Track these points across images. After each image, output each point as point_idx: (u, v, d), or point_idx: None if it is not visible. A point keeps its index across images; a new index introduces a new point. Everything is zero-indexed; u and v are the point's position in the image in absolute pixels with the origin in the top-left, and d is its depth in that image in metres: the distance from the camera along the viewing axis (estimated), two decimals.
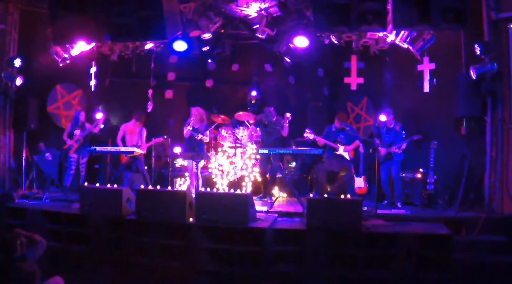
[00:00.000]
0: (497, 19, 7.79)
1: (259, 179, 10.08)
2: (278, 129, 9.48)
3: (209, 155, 9.32)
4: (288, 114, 9.35)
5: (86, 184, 8.41)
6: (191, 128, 9.31)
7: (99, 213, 7.40)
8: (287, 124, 9.38)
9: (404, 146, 8.84)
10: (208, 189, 8.13)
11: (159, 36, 7.65)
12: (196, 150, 9.23)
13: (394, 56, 9.49)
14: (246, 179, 10.34)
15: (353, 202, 6.63)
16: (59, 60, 9.34)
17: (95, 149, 9.03)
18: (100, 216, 7.39)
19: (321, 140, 9.16)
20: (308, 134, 9.15)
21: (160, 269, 6.95)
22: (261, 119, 9.59)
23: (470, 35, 8.10)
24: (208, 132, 9.56)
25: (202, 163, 9.53)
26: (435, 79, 8.05)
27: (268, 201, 9.19)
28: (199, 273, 6.79)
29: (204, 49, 10.89)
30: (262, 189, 9.76)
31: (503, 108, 7.81)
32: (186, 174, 10.54)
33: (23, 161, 9.93)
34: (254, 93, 12.83)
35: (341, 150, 9.12)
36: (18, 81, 9.47)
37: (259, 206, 8.15)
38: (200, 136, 9.32)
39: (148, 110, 10.38)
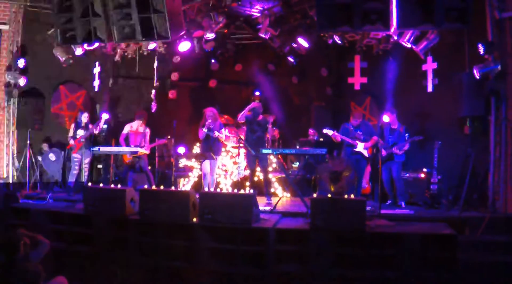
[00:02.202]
0: (501, 18, 7.78)
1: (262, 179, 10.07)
2: (262, 128, 9.30)
3: (213, 155, 9.28)
4: (271, 119, 9.23)
5: (89, 184, 8.43)
6: (206, 130, 9.24)
7: (102, 213, 7.41)
8: (271, 126, 9.23)
9: (406, 146, 8.81)
10: (212, 189, 8.14)
11: (162, 36, 7.66)
12: (212, 151, 9.20)
13: (397, 56, 9.48)
14: None
15: (356, 202, 6.62)
16: (63, 60, 9.36)
17: (99, 149, 9.04)
18: (103, 216, 7.40)
19: (340, 137, 9.10)
20: (327, 131, 9.11)
21: (163, 269, 6.96)
22: (248, 117, 9.37)
23: (474, 34, 8.09)
24: (223, 130, 9.51)
25: (217, 163, 9.53)
26: (436, 79, 8.04)
27: (266, 201, 9.09)
28: (202, 273, 6.79)
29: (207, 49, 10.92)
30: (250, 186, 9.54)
31: (507, 107, 7.79)
32: (190, 174, 10.56)
33: (27, 161, 9.95)
34: (257, 93, 12.83)
35: (360, 147, 9.03)
36: (22, 81, 9.50)
37: (262, 206, 8.13)
38: (216, 133, 9.27)
39: (152, 111, 10.39)
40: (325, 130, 9.19)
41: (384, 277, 6.33)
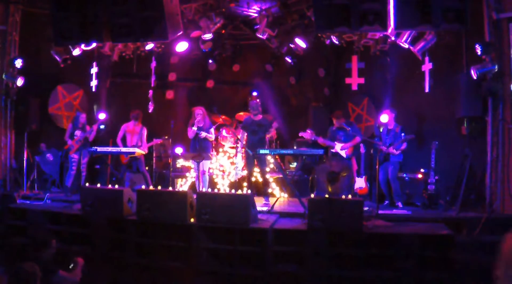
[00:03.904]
0: (498, 19, 7.79)
1: (260, 179, 10.07)
2: (264, 128, 9.29)
3: (210, 155, 9.29)
4: (275, 124, 9.23)
5: (87, 184, 8.42)
6: (195, 129, 9.23)
7: (100, 214, 7.41)
8: (273, 130, 9.22)
9: (404, 146, 8.83)
10: (209, 189, 8.13)
11: (160, 37, 7.66)
12: (201, 150, 9.17)
13: (395, 56, 9.48)
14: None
15: (354, 203, 6.63)
16: (60, 60, 9.35)
17: (96, 149, 9.03)
18: (101, 216, 7.39)
19: (320, 140, 9.13)
20: (304, 134, 9.13)
21: (161, 269, 6.95)
22: (247, 122, 9.38)
23: (471, 35, 8.10)
24: (212, 130, 9.50)
25: (208, 163, 9.51)
26: (432, 80, 8.05)
27: (264, 202, 9.08)
28: (200, 274, 6.79)
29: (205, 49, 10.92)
30: (248, 187, 9.54)
31: (504, 108, 7.80)
32: (187, 174, 10.55)
33: (24, 161, 9.93)
34: (255, 93, 12.83)
35: (337, 148, 9.05)
36: (19, 82, 9.47)
37: (259, 207, 8.12)
38: (204, 134, 9.25)
39: (149, 111, 10.38)
40: (300, 134, 9.19)
41: (382, 278, 6.34)
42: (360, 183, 9.25)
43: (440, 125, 9.28)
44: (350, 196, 7.47)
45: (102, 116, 10.22)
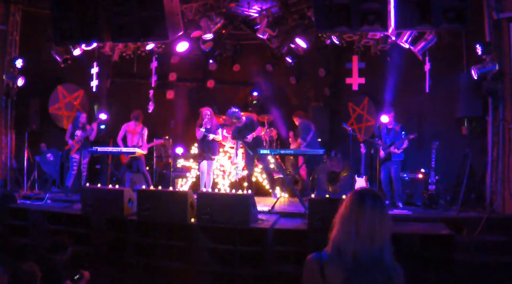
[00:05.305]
0: (499, 19, 7.79)
1: (260, 179, 10.08)
2: (252, 128, 9.43)
3: (213, 157, 9.33)
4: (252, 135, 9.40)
5: (87, 184, 8.42)
6: (204, 130, 9.29)
7: (100, 214, 7.41)
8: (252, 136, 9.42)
9: (405, 145, 8.82)
10: (210, 189, 8.13)
11: (160, 37, 7.66)
12: (209, 151, 9.25)
13: (395, 56, 9.48)
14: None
15: None
16: (61, 60, 9.35)
17: (97, 149, 9.04)
18: (101, 216, 7.40)
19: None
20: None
21: (162, 269, 6.96)
22: (235, 132, 9.54)
23: (472, 35, 8.10)
24: (220, 130, 9.59)
25: (214, 164, 9.65)
26: (431, 80, 8.05)
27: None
28: (200, 273, 6.79)
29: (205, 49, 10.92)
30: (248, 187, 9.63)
31: (505, 108, 7.80)
32: (188, 174, 10.55)
33: (25, 161, 9.93)
34: (255, 93, 12.83)
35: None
36: (20, 81, 9.47)
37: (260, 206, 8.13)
38: (212, 136, 9.33)
39: (149, 111, 10.39)
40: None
41: None
42: (360, 182, 9.24)
43: (440, 125, 9.29)
44: None
45: (103, 116, 10.23)
